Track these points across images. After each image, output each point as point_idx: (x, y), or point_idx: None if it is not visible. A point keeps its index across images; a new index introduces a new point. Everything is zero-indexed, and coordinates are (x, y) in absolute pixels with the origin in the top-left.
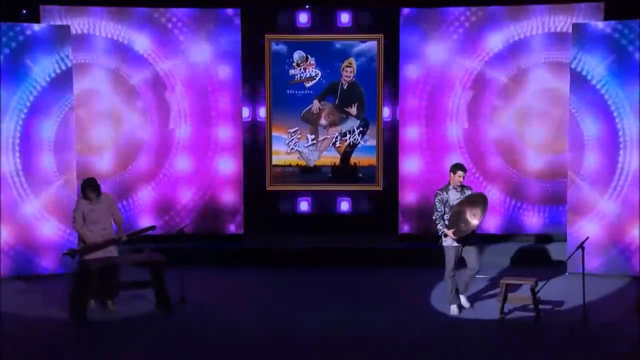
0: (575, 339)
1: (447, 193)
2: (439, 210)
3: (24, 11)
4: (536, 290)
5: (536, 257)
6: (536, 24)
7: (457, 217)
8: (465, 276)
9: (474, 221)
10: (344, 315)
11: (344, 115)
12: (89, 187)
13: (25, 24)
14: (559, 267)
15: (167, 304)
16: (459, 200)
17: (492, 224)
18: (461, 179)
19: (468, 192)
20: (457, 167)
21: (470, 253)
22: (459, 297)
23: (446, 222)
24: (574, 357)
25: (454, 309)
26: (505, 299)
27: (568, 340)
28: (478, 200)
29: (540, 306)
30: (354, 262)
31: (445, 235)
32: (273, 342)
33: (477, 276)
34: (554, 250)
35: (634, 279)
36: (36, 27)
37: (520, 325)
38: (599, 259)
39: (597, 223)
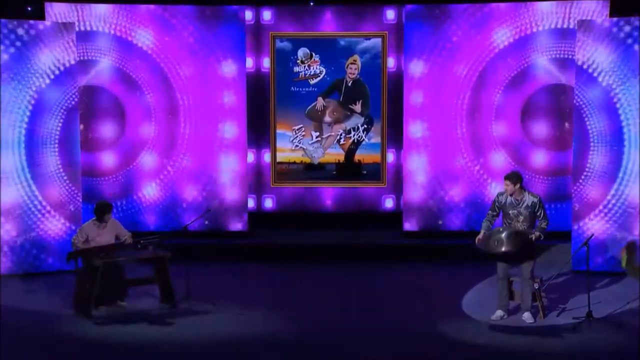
0: (580, 335)
1: (503, 197)
2: (491, 210)
3: (29, 8)
4: (541, 287)
5: (541, 254)
6: (541, 20)
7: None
8: (519, 286)
9: (500, 247)
10: (348, 312)
11: (349, 113)
12: (107, 211)
13: (30, 21)
14: (564, 265)
15: (172, 300)
16: (516, 210)
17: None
18: (507, 187)
19: (530, 200)
20: (505, 177)
21: (523, 261)
22: (508, 305)
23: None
24: (579, 354)
25: (497, 314)
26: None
27: (573, 337)
28: (516, 240)
29: (545, 303)
30: (358, 258)
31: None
32: (278, 338)
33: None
34: (559, 248)
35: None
36: (41, 24)
37: (525, 322)
38: (603, 256)
39: (601, 220)
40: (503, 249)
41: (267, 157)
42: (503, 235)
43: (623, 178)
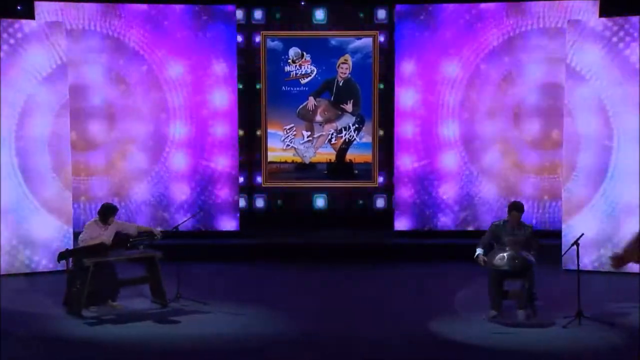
0: (570, 334)
1: (500, 227)
2: (487, 239)
3: (19, 7)
4: (532, 286)
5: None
6: (531, 20)
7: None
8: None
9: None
10: (340, 312)
11: (340, 112)
12: (111, 214)
13: (20, 21)
14: (554, 264)
15: (163, 299)
16: (512, 238)
17: (487, 219)
18: (514, 219)
19: (525, 227)
20: (515, 208)
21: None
22: (501, 304)
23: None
24: (569, 352)
25: (490, 313)
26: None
27: (563, 335)
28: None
29: (536, 302)
30: (350, 258)
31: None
32: (271, 337)
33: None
34: (549, 247)
35: (627, 275)
36: (31, 23)
37: (517, 320)
38: (593, 255)
39: (591, 219)
40: (506, 267)
41: (258, 156)
42: (506, 254)
43: (612, 177)
